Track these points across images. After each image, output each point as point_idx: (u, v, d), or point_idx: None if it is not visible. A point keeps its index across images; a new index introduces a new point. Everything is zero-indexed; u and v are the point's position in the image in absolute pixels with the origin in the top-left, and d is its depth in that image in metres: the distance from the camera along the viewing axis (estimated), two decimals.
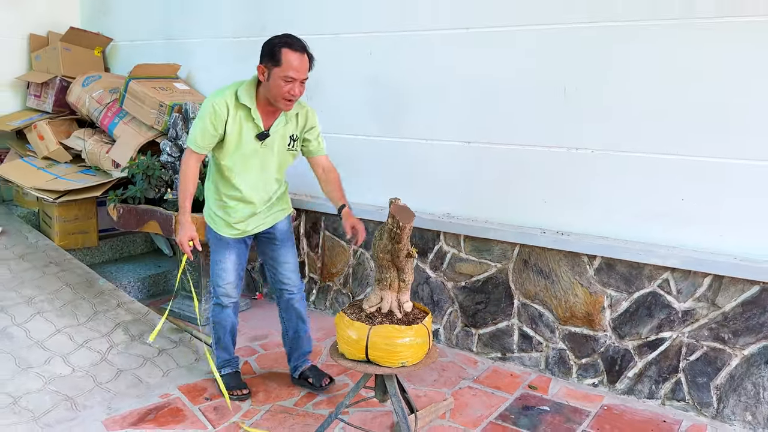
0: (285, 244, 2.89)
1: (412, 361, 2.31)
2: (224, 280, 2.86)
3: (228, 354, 3.02)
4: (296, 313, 2.97)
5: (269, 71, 2.55)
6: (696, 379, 2.82)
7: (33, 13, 4.71)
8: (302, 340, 3.02)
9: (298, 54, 2.52)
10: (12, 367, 2.94)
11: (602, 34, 2.87)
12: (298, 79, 2.53)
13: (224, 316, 2.93)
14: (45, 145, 4.24)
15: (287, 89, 2.53)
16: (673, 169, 2.78)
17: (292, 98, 2.57)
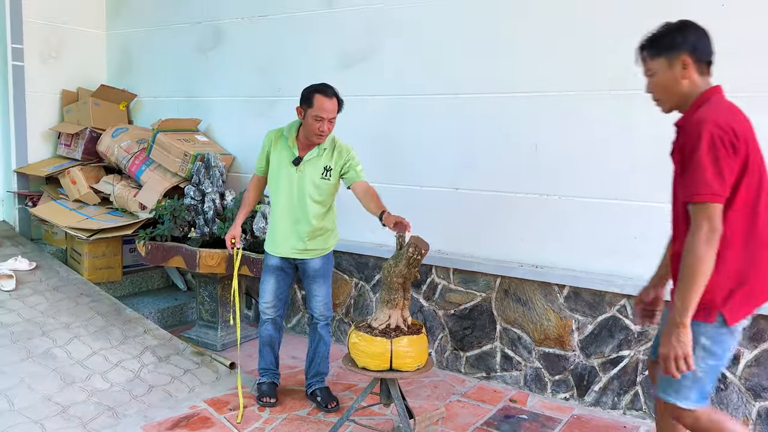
0: (317, 280, 3.37)
1: (422, 363, 2.80)
2: (263, 299, 3.39)
3: (264, 363, 3.48)
4: (319, 336, 3.44)
5: (305, 111, 3.15)
6: (650, 391, 3.32)
7: (65, 72, 5.25)
8: (320, 358, 3.46)
9: (327, 98, 3.12)
10: (59, 382, 3.36)
11: (562, 99, 3.47)
12: (327, 118, 3.12)
13: (263, 329, 3.44)
14: (77, 189, 4.73)
15: (318, 126, 3.12)
16: (625, 212, 3.35)
17: (322, 134, 3.15)
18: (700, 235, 1.87)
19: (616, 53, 3.31)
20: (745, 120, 2.00)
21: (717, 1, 3.08)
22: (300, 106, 3.19)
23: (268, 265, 3.39)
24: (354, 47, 4.17)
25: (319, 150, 3.24)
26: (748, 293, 1.97)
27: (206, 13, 4.86)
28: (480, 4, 3.70)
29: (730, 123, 1.90)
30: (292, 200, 3.26)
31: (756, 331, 3.05)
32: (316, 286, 3.38)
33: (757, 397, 3.07)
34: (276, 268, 3.36)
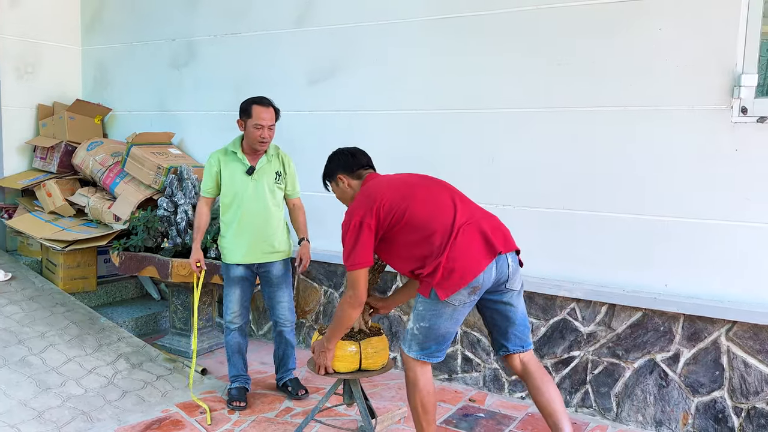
0: (280, 286, 3.59)
1: (385, 362, 2.97)
2: (230, 310, 3.56)
3: (236, 370, 3.65)
4: (285, 341, 3.67)
5: (245, 123, 3.41)
6: (600, 389, 3.53)
7: (41, 86, 5.37)
8: (289, 359, 3.72)
9: (264, 107, 3.39)
10: (34, 388, 3.47)
11: (520, 115, 3.70)
12: (266, 125, 3.37)
13: (230, 338, 3.61)
14: (52, 201, 4.84)
15: (259, 133, 3.38)
16: (574, 220, 3.57)
17: (264, 140, 3.41)
18: (345, 298, 2.69)
19: (561, 73, 3.56)
20: (386, 184, 2.70)
21: (655, 26, 3.33)
22: (240, 118, 3.46)
23: (231, 276, 3.55)
24: (321, 65, 4.37)
25: (267, 157, 3.50)
26: (459, 277, 2.50)
27: (180, 31, 5.02)
28: (442, 24, 3.91)
29: (364, 206, 2.61)
30: (253, 208, 3.46)
31: (693, 331, 3.28)
32: (280, 292, 3.59)
33: (696, 393, 3.30)
34: (240, 278, 3.54)
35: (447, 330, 2.61)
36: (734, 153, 3.19)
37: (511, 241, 2.68)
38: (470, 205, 2.72)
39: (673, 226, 3.34)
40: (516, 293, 2.68)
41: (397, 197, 2.62)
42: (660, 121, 3.34)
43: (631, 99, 3.41)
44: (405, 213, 2.59)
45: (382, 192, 2.64)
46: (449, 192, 2.71)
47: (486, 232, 2.58)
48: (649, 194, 3.39)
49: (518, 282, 2.68)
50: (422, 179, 2.79)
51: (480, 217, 2.65)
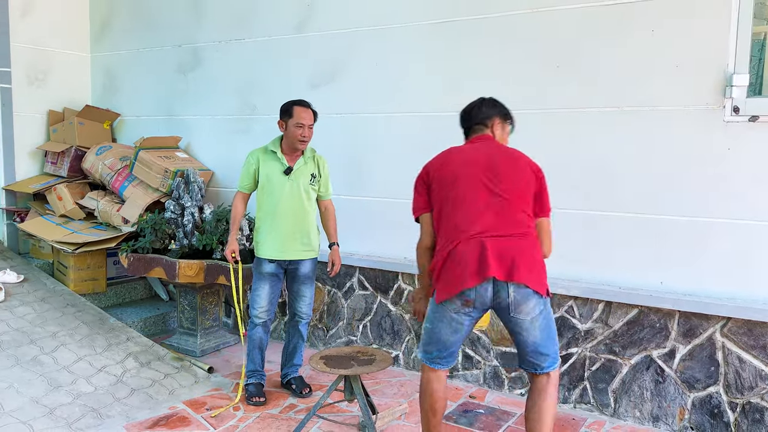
0: (306, 283, 3.72)
1: None
2: (258, 305, 3.67)
3: (253, 365, 3.75)
4: (299, 334, 3.79)
5: (286, 123, 3.56)
6: (597, 385, 3.59)
7: (51, 93, 5.50)
8: (297, 353, 3.82)
9: (304, 108, 3.56)
10: (46, 386, 3.58)
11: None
12: (306, 125, 3.53)
13: (254, 333, 3.71)
14: (63, 205, 4.96)
15: (300, 132, 3.53)
16: (570, 220, 3.63)
17: (304, 139, 3.55)
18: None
19: (557, 75, 3.62)
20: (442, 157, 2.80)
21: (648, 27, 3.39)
22: (281, 119, 3.60)
23: (262, 272, 3.66)
24: (322, 69, 4.46)
25: (304, 159, 3.63)
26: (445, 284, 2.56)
27: (186, 37, 5.13)
28: (441, 29, 3.99)
29: (426, 166, 2.82)
30: (288, 206, 3.59)
31: (689, 327, 3.33)
32: (305, 288, 3.72)
33: (692, 388, 3.35)
34: (270, 274, 3.65)
35: (447, 337, 2.59)
36: (727, 152, 3.24)
37: (519, 272, 2.47)
38: (503, 218, 2.57)
39: (669, 225, 3.39)
40: (526, 321, 2.52)
41: (446, 175, 2.70)
42: (654, 121, 3.40)
43: (625, 100, 3.46)
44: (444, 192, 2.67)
45: (440, 163, 2.78)
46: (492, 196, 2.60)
47: (486, 252, 2.48)
48: (644, 193, 3.44)
49: (528, 312, 2.51)
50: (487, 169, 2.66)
51: (496, 234, 2.52)
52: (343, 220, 4.17)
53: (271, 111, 4.63)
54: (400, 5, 4.13)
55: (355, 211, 4.35)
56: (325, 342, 4.53)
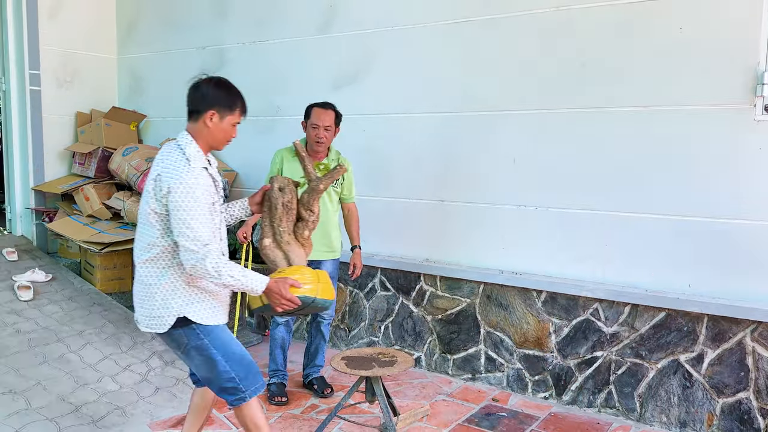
0: None
1: None
2: None
3: (275, 365, 3.77)
4: (321, 334, 3.80)
5: (306, 124, 3.59)
6: (623, 389, 3.53)
7: (79, 95, 5.59)
8: (319, 354, 3.84)
9: (321, 109, 3.55)
10: (72, 384, 3.63)
11: (541, 116, 3.72)
12: (321, 126, 3.52)
13: (276, 332, 3.73)
14: (90, 205, 5.04)
15: (315, 133, 3.54)
16: (596, 221, 3.57)
17: (320, 140, 3.54)
18: None
19: (594, 75, 3.57)
20: None
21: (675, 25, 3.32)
22: (303, 120, 3.63)
23: None
24: (345, 70, 4.46)
25: (328, 161, 3.63)
26: None
27: (210, 39, 5.17)
28: (462, 28, 3.96)
29: None
30: None
31: (718, 331, 3.26)
32: None
33: (721, 393, 3.27)
34: None
35: None
36: (758, 151, 3.16)
37: None
38: None
39: (697, 226, 3.32)
40: None
41: None
42: (683, 120, 3.33)
43: (653, 99, 3.40)
44: None
45: None
46: None
47: None
48: (673, 194, 3.38)
49: None
50: None
51: None
52: (366, 221, 4.16)
53: (294, 112, 4.65)
54: (421, 5, 4.11)
55: (377, 212, 4.34)
56: (347, 342, 4.53)
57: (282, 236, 2.66)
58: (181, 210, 2.30)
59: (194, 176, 2.35)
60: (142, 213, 2.43)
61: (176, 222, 2.31)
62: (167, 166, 2.35)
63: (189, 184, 2.32)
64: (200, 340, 2.45)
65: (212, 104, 2.43)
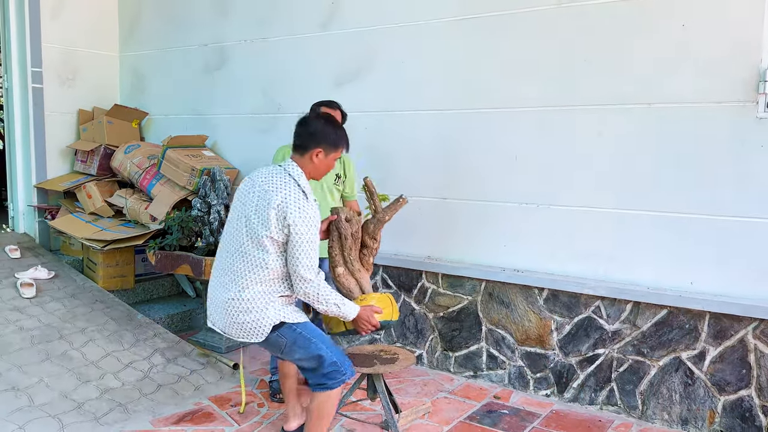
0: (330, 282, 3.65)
1: None
2: None
3: (277, 361, 3.73)
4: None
5: None
6: (625, 387, 3.53)
7: (81, 92, 5.59)
8: None
9: (330, 109, 3.57)
10: (75, 381, 3.64)
11: (541, 113, 3.72)
12: None
13: None
14: (92, 203, 5.05)
15: None
16: (598, 218, 3.57)
17: None
18: None
19: (586, 71, 3.57)
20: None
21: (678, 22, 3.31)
22: None
23: None
24: (347, 67, 4.45)
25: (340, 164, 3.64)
26: None
27: (212, 36, 5.17)
28: (465, 25, 3.96)
29: None
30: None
31: (719, 329, 3.26)
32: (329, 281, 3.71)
33: (722, 391, 3.27)
34: None
35: None
36: (760, 149, 3.15)
37: None
38: None
39: (699, 223, 3.32)
40: None
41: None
42: (685, 117, 3.32)
43: (655, 95, 3.39)
44: None
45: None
46: None
47: None
48: (675, 191, 3.37)
49: None
50: None
51: None
52: None
53: (295, 109, 4.63)
54: (423, 2, 4.10)
55: None
56: (348, 340, 4.53)
57: (353, 264, 2.97)
58: (304, 242, 2.56)
59: (314, 210, 2.63)
60: (252, 236, 2.61)
61: (298, 251, 2.57)
62: (287, 198, 2.57)
63: (311, 218, 2.59)
64: (297, 333, 2.68)
65: (320, 143, 2.69)
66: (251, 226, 2.61)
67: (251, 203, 2.64)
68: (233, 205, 2.78)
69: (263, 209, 2.58)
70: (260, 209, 2.59)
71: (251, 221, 2.61)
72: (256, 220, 2.60)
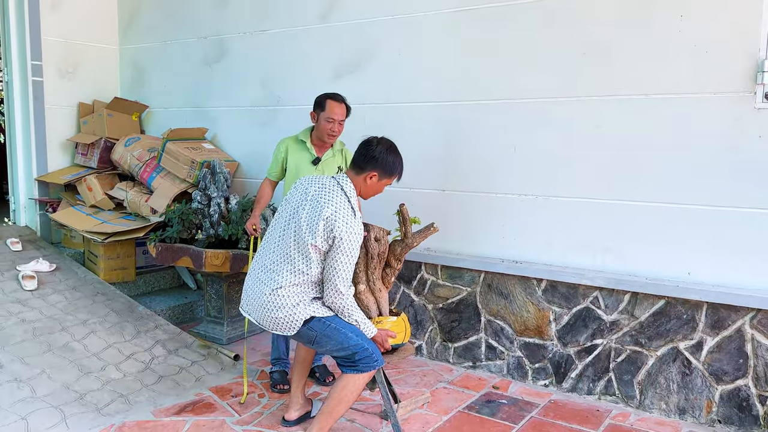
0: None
1: None
2: None
3: (278, 353, 3.80)
4: None
5: (318, 115, 3.57)
6: (623, 377, 3.55)
7: (81, 85, 5.60)
8: None
9: (337, 102, 3.56)
10: (76, 372, 3.67)
11: (540, 105, 3.72)
12: (337, 120, 3.54)
13: None
14: (93, 196, 5.07)
15: (329, 127, 3.55)
16: (596, 209, 3.58)
17: (333, 134, 3.58)
18: None
19: (584, 62, 3.57)
20: None
21: (676, 12, 3.31)
22: (313, 111, 3.62)
23: None
24: (347, 59, 4.46)
25: (333, 152, 3.66)
26: None
27: (211, 29, 5.17)
28: (465, 16, 3.95)
29: None
30: None
31: (717, 319, 3.27)
32: None
33: (720, 381, 3.29)
34: None
35: None
36: (758, 139, 3.16)
37: None
38: None
39: (697, 214, 3.33)
40: None
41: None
42: (682, 108, 3.33)
43: (652, 87, 3.40)
44: None
45: None
46: None
47: None
48: (673, 182, 3.38)
49: None
50: None
51: None
52: (369, 210, 4.18)
53: (295, 102, 4.67)
54: None
55: (378, 201, 4.35)
56: None
57: (375, 283, 3.06)
58: (345, 256, 2.71)
59: (360, 227, 2.77)
60: (299, 244, 2.76)
61: (338, 263, 2.72)
62: (338, 212, 2.72)
63: (357, 235, 2.73)
64: (327, 325, 2.80)
65: (376, 167, 2.86)
66: (300, 234, 2.76)
67: (303, 210, 2.79)
68: (282, 207, 2.93)
69: (314, 219, 2.73)
70: (311, 218, 2.74)
71: (301, 229, 2.76)
72: (305, 228, 2.74)
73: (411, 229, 3.11)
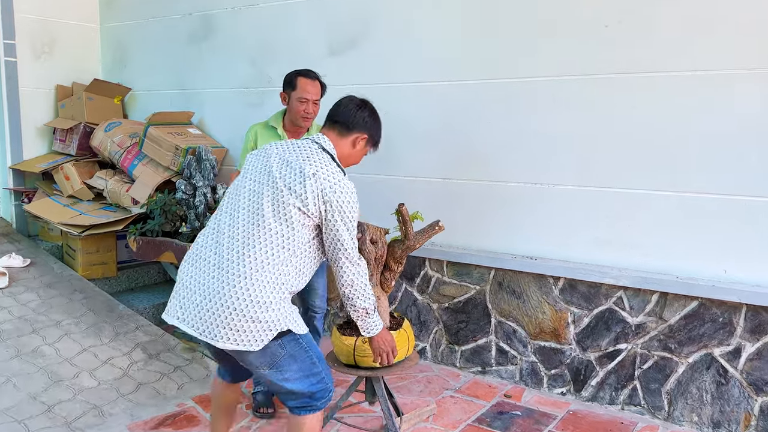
0: (317, 273, 3.28)
1: (401, 358, 2.74)
2: None
3: None
4: (314, 328, 3.39)
5: (289, 96, 3.17)
6: (649, 386, 3.21)
7: (59, 66, 5.21)
8: None
9: (309, 80, 3.15)
10: (45, 380, 3.33)
11: (558, 83, 3.34)
12: (311, 100, 3.14)
13: None
14: (70, 185, 4.70)
15: (303, 108, 3.14)
16: (620, 199, 3.22)
17: (308, 116, 3.17)
18: None
19: (609, 36, 3.19)
20: None
21: None
22: (283, 91, 3.22)
23: None
24: (341, 35, 4.07)
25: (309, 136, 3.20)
26: None
27: (197, 4, 4.78)
28: None
29: None
30: None
31: (758, 323, 2.92)
32: (315, 279, 3.32)
33: (760, 391, 2.95)
34: None
35: None
36: None
37: None
38: None
39: (731, 204, 2.97)
40: None
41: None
42: (713, 85, 2.95)
43: (681, 63, 3.03)
44: None
45: None
46: None
47: None
48: (705, 169, 3.01)
49: None
50: None
51: None
52: (368, 202, 3.82)
53: None
54: None
55: (381, 192, 3.99)
56: None
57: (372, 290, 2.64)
58: (347, 220, 2.19)
59: (353, 187, 2.26)
60: (276, 207, 2.15)
61: (341, 231, 2.19)
62: (324, 168, 2.20)
63: (351, 195, 2.21)
64: (299, 346, 2.19)
65: (366, 131, 2.42)
66: (278, 196, 2.15)
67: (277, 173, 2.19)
68: (238, 182, 2.30)
69: (295, 179, 2.15)
70: (292, 179, 2.16)
71: (279, 191, 2.15)
72: (282, 186, 2.15)
73: (412, 230, 2.76)
